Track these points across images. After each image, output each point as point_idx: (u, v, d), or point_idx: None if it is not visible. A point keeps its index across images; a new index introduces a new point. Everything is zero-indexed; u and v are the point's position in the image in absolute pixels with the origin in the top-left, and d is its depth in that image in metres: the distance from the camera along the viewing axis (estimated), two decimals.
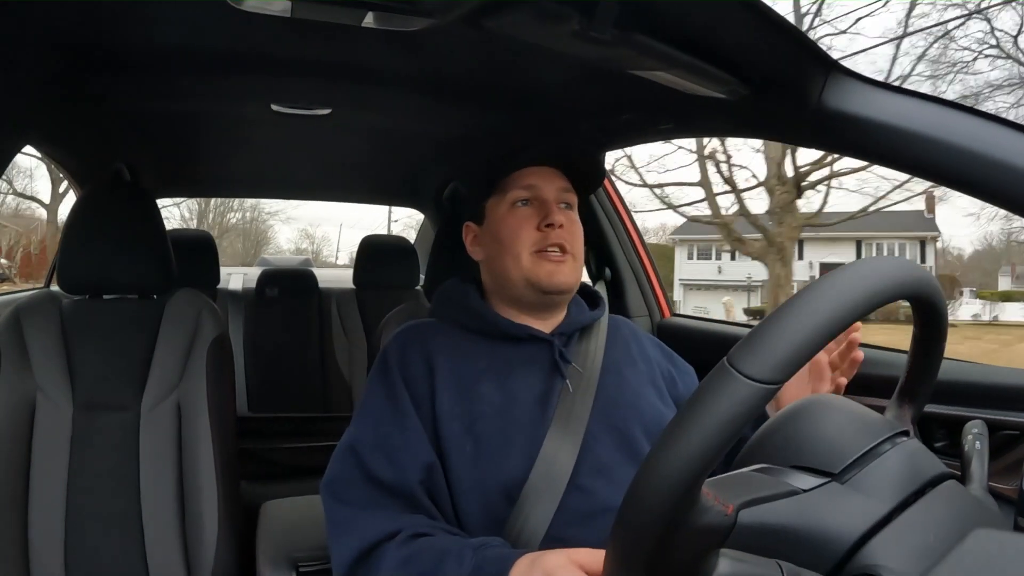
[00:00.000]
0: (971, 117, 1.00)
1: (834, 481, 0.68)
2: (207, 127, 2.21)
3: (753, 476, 0.69)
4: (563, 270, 1.20)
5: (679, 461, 0.58)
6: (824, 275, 0.65)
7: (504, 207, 1.24)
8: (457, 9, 1.04)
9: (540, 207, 1.22)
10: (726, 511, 0.62)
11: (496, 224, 1.25)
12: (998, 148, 0.96)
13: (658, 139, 1.73)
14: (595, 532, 1.06)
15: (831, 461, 0.69)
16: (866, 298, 0.62)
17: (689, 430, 0.58)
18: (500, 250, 1.24)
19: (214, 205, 29.56)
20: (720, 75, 1.17)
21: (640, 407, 1.21)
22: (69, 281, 1.60)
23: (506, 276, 1.23)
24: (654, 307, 2.26)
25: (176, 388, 1.58)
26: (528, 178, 1.24)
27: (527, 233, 1.21)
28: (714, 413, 0.57)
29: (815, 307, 0.61)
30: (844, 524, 0.64)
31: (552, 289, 1.20)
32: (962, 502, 0.71)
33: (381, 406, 1.16)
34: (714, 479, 0.66)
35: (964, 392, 1.28)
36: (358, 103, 1.80)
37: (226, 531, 1.53)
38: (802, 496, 0.66)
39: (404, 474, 1.08)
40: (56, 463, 1.50)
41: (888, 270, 0.67)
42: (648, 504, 0.59)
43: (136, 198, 1.68)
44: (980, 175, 0.98)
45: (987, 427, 0.85)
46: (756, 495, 0.64)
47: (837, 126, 1.12)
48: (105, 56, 1.47)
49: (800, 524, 0.64)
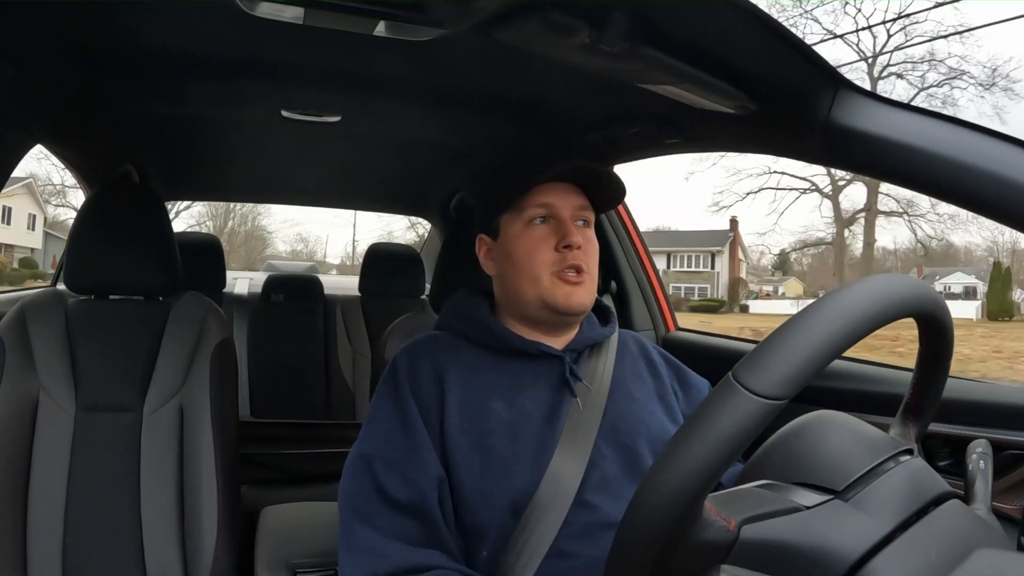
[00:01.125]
0: (980, 135, 1.00)
1: (837, 499, 0.68)
2: (216, 131, 2.21)
3: (756, 492, 0.69)
4: (580, 292, 1.18)
5: (682, 475, 0.58)
6: (831, 291, 0.65)
7: (519, 225, 1.21)
8: (468, 19, 1.05)
9: (557, 226, 1.20)
10: (728, 526, 0.62)
11: (511, 242, 1.22)
12: (1007, 166, 0.96)
13: (665, 153, 1.73)
14: (598, 547, 1.06)
15: (834, 478, 0.69)
16: (872, 315, 0.63)
17: (693, 444, 0.58)
18: (515, 270, 1.21)
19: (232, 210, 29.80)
20: (729, 90, 1.17)
21: (648, 423, 1.20)
22: (75, 281, 1.61)
23: (520, 295, 1.21)
24: (659, 321, 2.25)
25: (179, 391, 1.58)
26: (545, 195, 1.20)
27: (544, 254, 1.18)
28: (718, 428, 0.58)
29: (822, 323, 0.61)
30: (846, 542, 0.64)
31: (568, 311, 1.18)
32: (965, 521, 0.70)
33: (392, 421, 1.15)
34: (717, 494, 0.66)
35: (969, 410, 1.27)
36: (368, 111, 1.81)
37: (225, 535, 1.52)
38: (805, 513, 0.66)
39: (419, 492, 1.07)
40: (57, 463, 1.49)
41: (895, 288, 0.67)
42: (650, 518, 0.59)
43: (144, 200, 1.69)
44: (989, 193, 0.97)
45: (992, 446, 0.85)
46: (759, 511, 0.64)
47: (845, 143, 1.12)
48: (117, 59, 1.48)
49: (802, 541, 0.64)
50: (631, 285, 2.23)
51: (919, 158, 1.03)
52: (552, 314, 1.20)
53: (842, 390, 1.51)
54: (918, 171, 1.05)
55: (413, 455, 1.10)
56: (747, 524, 0.63)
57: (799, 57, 1.06)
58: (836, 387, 1.52)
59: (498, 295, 1.29)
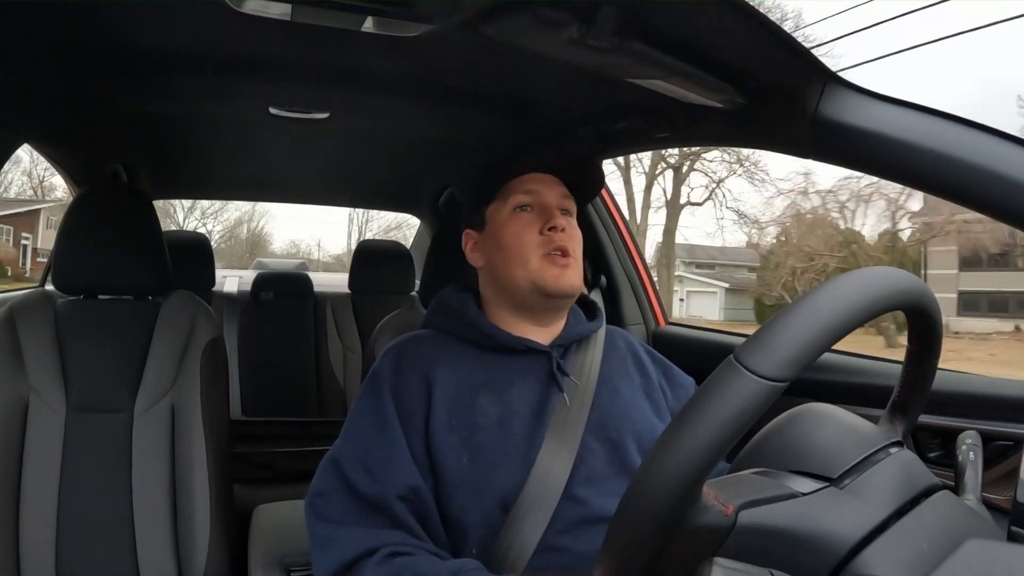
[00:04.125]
0: (968, 129, 1.01)
1: (832, 486, 0.68)
2: (204, 129, 2.20)
3: (753, 478, 0.70)
4: (568, 274, 1.19)
5: (684, 454, 0.58)
6: (831, 279, 0.66)
7: (506, 212, 1.23)
8: (456, 15, 1.04)
9: (541, 212, 1.22)
10: (726, 511, 0.62)
11: (498, 230, 1.24)
12: (994, 159, 0.97)
13: (655, 147, 1.74)
14: (586, 541, 1.07)
15: (828, 467, 0.69)
16: (870, 303, 0.64)
17: (696, 423, 0.58)
18: (504, 256, 1.22)
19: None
20: (717, 84, 1.17)
21: (635, 419, 1.21)
22: (64, 281, 1.60)
23: (511, 281, 1.22)
24: (649, 315, 2.26)
25: (170, 391, 1.57)
26: (529, 184, 1.23)
27: (531, 236, 1.20)
28: (721, 408, 0.58)
29: (823, 309, 0.62)
30: (843, 528, 0.64)
31: (558, 292, 1.19)
32: (956, 512, 0.71)
33: (367, 421, 1.16)
34: (715, 480, 0.66)
35: (959, 402, 1.28)
36: (356, 108, 1.80)
37: (218, 534, 1.52)
38: (801, 499, 0.66)
39: (385, 488, 1.07)
40: (48, 465, 1.49)
41: (891, 279, 0.68)
42: (651, 496, 0.59)
43: (132, 199, 1.68)
44: (976, 187, 0.98)
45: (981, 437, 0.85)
46: (756, 496, 0.65)
47: (834, 136, 1.13)
48: (104, 57, 1.46)
49: (799, 527, 0.64)
50: (621, 280, 2.23)
51: (907, 152, 1.04)
52: (542, 298, 1.20)
53: (831, 382, 1.52)
54: (906, 165, 1.05)
55: (384, 454, 1.11)
56: (745, 509, 0.63)
57: (787, 51, 1.06)
58: (825, 379, 1.52)
59: (484, 288, 1.29)
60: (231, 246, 29.35)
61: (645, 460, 0.61)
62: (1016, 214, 0.97)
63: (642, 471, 0.60)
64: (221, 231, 28.64)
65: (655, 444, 0.61)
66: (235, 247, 29.42)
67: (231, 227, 29.81)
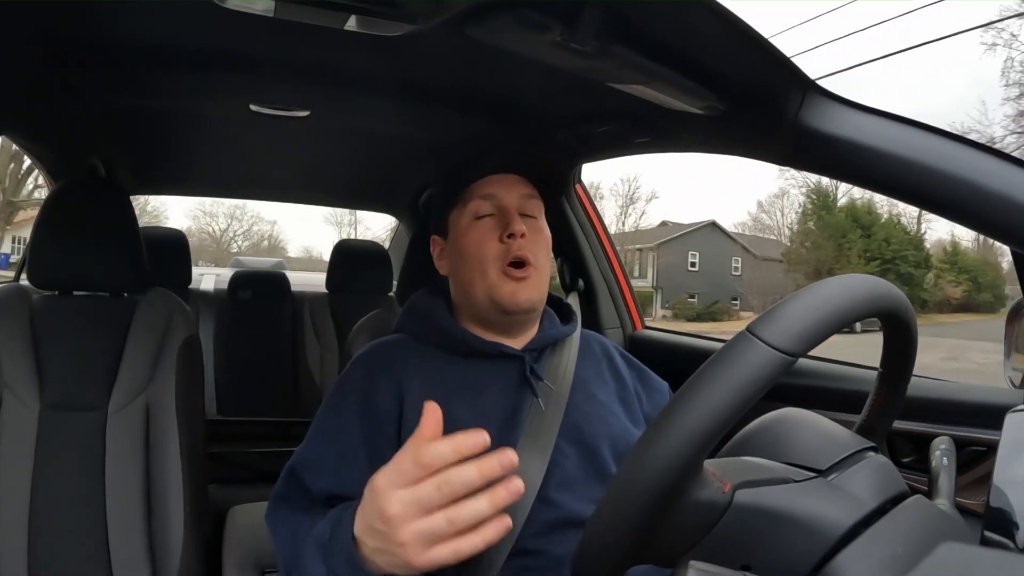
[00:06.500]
0: (946, 140, 1.02)
1: (820, 477, 0.70)
2: (184, 125, 2.18)
3: (749, 461, 0.72)
4: (526, 288, 1.18)
5: (696, 418, 0.59)
6: (840, 275, 0.71)
7: (466, 219, 1.22)
8: (440, 15, 1.04)
9: (501, 217, 1.20)
10: (724, 488, 0.63)
11: (459, 238, 1.22)
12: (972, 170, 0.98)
13: (635, 152, 1.74)
14: (561, 543, 1.07)
15: (814, 462, 0.72)
16: (870, 300, 0.68)
17: (710, 386, 0.60)
18: (464, 266, 1.21)
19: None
20: (698, 90, 1.18)
21: (609, 423, 1.20)
22: (39, 276, 1.58)
23: (471, 293, 1.21)
24: (626, 319, 2.27)
25: (145, 389, 1.56)
26: (488, 187, 1.21)
27: (490, 246, 1.18)
28: (734, 376, 0.60)
29: (832, 294, 0.66)
30: (834, 515, 0.66)
31: (514, 310, 1.18)
32: (930, 516, 0.72)
33: (326, 428, 1.17)
34: (715, 460, 0.68)
35: (933, 408, 1.30)
36: (338, 106, 1.79)
37: (193, 535, 1.50)
38: (794, 485, 0.68)
39: (339, 489, 1.08)
40: (21, 462, 1.46)
41: (883, 285, 0.72)
42: (659, 454, 0.60)
43: (110, 194, 1.66)
44: (955, 197, 0.99)
45: (954, 443, 0.86)
46: (753, 477, 0.67)
47: (813, 145, 1.14)
48: (84, 50, 1.45)
49: (793, 510, 0.66)
50: (599, 283, 2.23)
51: (885, 161, 1.05)
52: (500, 314, 1.19)
53: (807, 387, 1.54)
54: (884, 174, 1.06)
55: (340, 461, 1.11)
56: (741, 488, 0.65)
57: (768, 59, 1.07)
58: (802, 384, 1.54)
59: (454, 295, 1.29)
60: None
61: (653, 422, 0.62)
62: (993, 224, 0.98)
63: (651, 431, 0.61)
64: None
65: (667, 404, 0.62)
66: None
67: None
